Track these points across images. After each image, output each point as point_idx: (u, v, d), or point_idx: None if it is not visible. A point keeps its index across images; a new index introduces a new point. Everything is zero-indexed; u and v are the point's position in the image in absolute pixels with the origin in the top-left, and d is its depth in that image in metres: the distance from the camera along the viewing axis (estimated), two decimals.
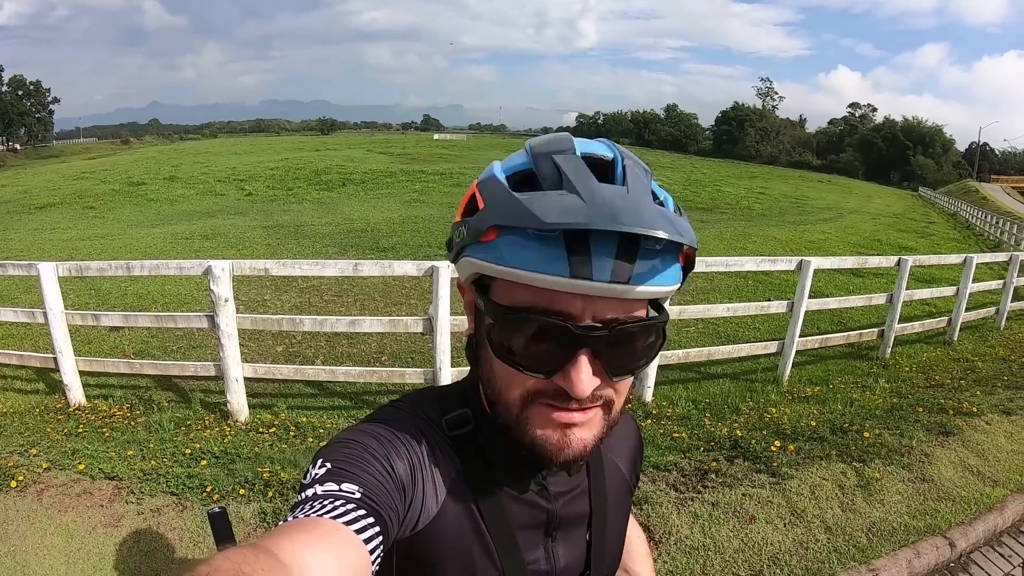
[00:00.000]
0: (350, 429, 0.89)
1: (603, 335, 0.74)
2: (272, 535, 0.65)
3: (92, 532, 3.74)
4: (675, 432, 5.30)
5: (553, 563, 0.96)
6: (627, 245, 0.70)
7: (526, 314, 0.75)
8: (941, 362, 8.10)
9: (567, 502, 0.97)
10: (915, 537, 3.90)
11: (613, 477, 1.07)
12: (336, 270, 5.96)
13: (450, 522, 0.88)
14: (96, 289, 10.45)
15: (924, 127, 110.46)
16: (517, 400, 0.80)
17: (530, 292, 0.74)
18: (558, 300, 0.73)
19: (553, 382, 0.76)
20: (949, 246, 22.37)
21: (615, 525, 1.06)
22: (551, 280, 0.70)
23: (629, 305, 0.75)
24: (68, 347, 5.80)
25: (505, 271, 0.73)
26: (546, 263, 0.70)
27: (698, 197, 36.37)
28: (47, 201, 28.45)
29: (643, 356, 0.79)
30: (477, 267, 0.77)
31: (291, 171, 39.36)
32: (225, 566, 0.55)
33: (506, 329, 0.77)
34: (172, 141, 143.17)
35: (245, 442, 5.04)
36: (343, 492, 0.74)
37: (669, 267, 0.74)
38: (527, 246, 0.71)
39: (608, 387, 0.79)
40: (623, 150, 0.78)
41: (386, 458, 0.83)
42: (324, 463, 0.79)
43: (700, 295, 11.33)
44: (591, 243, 0.69)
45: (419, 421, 0.92)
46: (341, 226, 19.62)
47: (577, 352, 0.74)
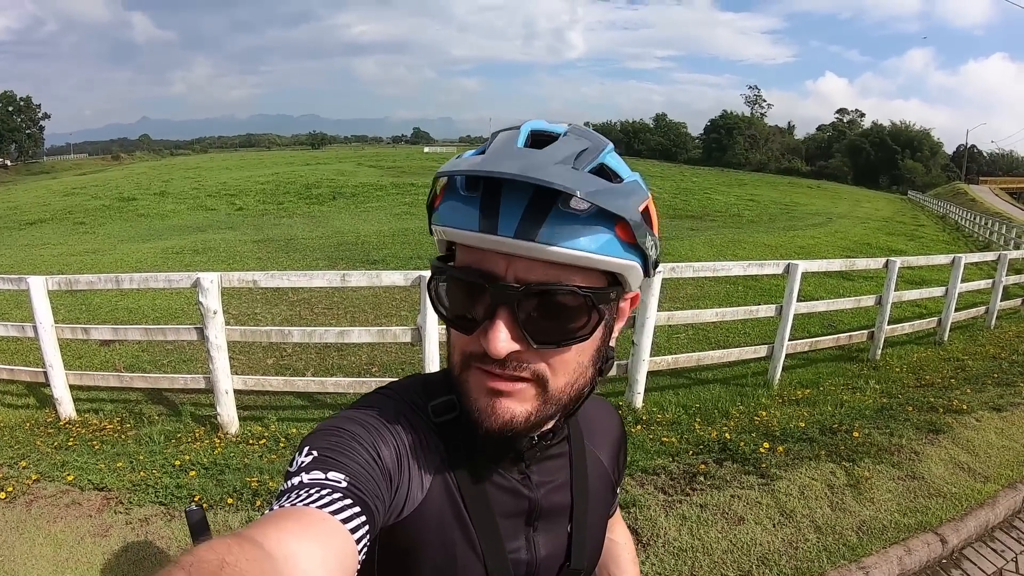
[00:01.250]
0: (336, 416, 0.88)
1: (515, 293, 0.74)
2: (257, 524, 0.65)
3: (81, 542, 3.74)
4: (664, 437, 5.31)
5: (534, 553, 0.96)
6: (539, 204, 0.71)
7: (448, 270, 0.79)
8: (931, 362, 8.11)
9: (548, 492, 0.97)
10: (906, 534, 3.90)
11: (595, 469, 1.07)
12: (324, 281, 5.95)
13: (434, 509, 0.88)
14: (87, 304, 10.41)
15: (912, 131, 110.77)
16: (458, 362, 0.83)
17: (470, 253, 0.77)
18: (485, 259, 0.76)
19: (479, 341, 0.78)
20: (939, 248, 22.43)
21: (596, 518, 1.06)
22: (464, 234, 0.75)
23: (559, 272, 0.75)
24: (58, 361, 5.78)
25: (439, 229, 0.79)
26: (464, 219, 0.74)
27: (688, 205, 36.46)
28: (38, 217, 28.35)
29: (570, 329, 0.78)
30: (434, 232, 0.82)
31: (281, 185, 39.26)
32: (209, 557, 0.54)
33: (439, 284, 0.81)
34: (162, 156, 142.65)
35: (235, 453, 5.03)
36: (329, 481, 0.74)
37: (596, 234, 0.74)
38: (455, 206, 0.76)
39: (535, 358, 0.79)
40: (585, 131, 0.80)
41: (372, 445, 0.83)
42: (310, 451, 0.79)
43: (690, 301, 11.36)
44: (501, 199, 0.72)
45: (405, 408, 0.92)
46: (331, 239, 19.58)
47: (495, 310, 0.75)
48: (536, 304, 0.75)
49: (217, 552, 0.55)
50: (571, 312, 0.77)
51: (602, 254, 0.74)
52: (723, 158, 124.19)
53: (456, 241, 0.78)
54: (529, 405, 0.80)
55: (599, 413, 1.14)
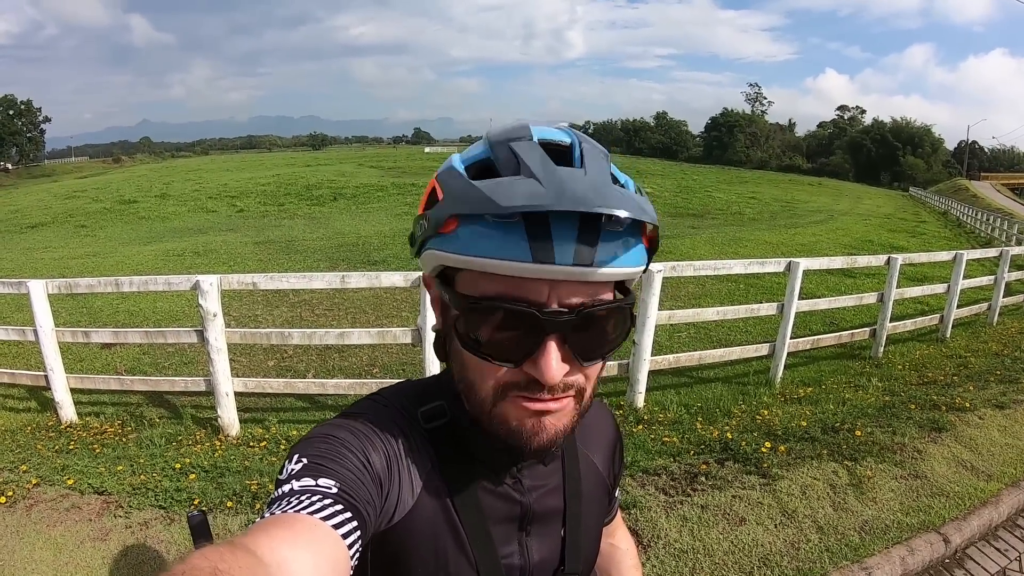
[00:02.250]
0: (325, 424, 0.88)
1: (570, 319, 0.73)
2: (250, 532, 0.65)
3: (80, 546, 3.73)
4: (666, 437, 5.29)
5: (527, 557, 0.95)
6: (588, 227, 0.70)
7: (491, 303, 0.74)
8: (934, 359, 8.10)
9: (541, 496, 0.96)
10: (908, 534, 3.88)
11: (588, 472, 1.06)
12: (324, 282, 5.95)
13: (425, 515, 0.87)
14: (88, 307, 10.43)
15: (913, 127, 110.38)
16: (490, 394, 0.80)
17: (494, 281, 0.73)
18: (522, 287, 0.73)
19: (523, 371, 0.76)
20: (941, 244, 22.45)
21: (591, 521, 1.05)
22: (514, 267, 0.70)
23: (595, 288, 0.75)
24: (59, 364, 5.79)
25: (467, 260, 0.73)
26: (507, 249, 0.70)
27: (689, 203, 36.45)
28: (39, 220, 28.44)
29: (612, 340, 0.79)
30: (439, 259, 0.77)
31: (282, 187, 39.32)
32: (202, 564, 0.54)
33: (472, 320, 0.76)
34: (163, 159, 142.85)
35: (235, 456, 5.02)
36: (320, 487, 0.74)
37: (633, 248, 0.75)
38: (487, 234, 0.71)
39: (579, 373, 0.79)
40: (581, 135, 0.78)
41: (362, 452, 0.82)
42: (300, 458, 0.79)
43: (691, 300, 11.35)
44: (552, 227, 0.69)
45: (395, 414, 0.91)
46: (332, 240, 19.59)
47: (545, 338, 0.74)
48: (582, 324, 0.75)
49: (210, 560, 0.55)
50: (613, 324, 0.78)
51: (638, 265, 0.76)
52: (724, 156, 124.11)
53: (491, 271, 0.72)
54: (568, 418, 0.81)
55: (593, 415, 1.12)
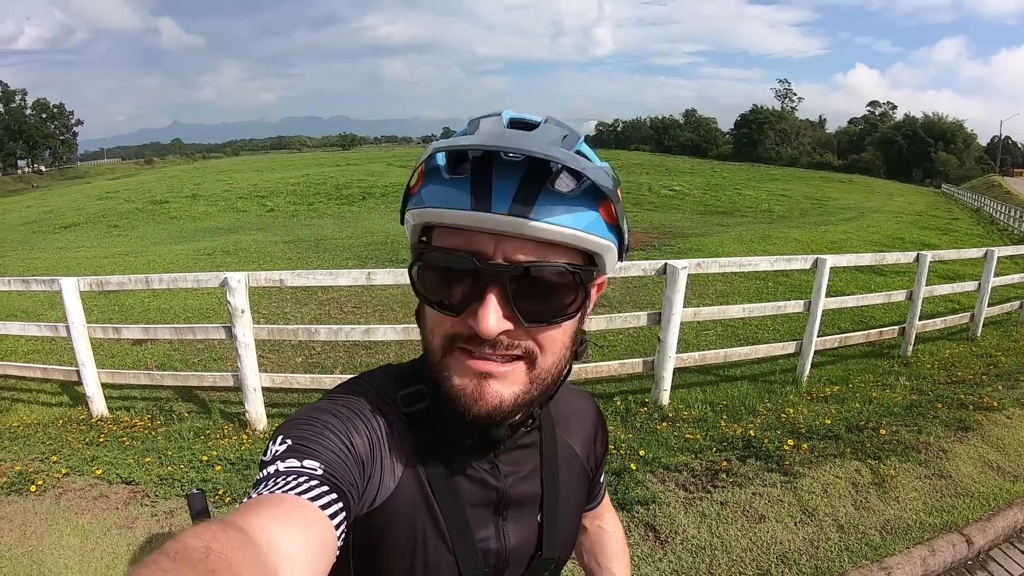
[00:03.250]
0: (309, 407, 0.89)
1: (508, 272, 0.75)
2: (240, 511, 0.66)
3: (107, 533, 3.83)
4: (689, 434, 5.28)
5: (503, 542, 0.97)
6: (530, 183, 0.73)
7: (436, 250, 0.79)
8: (963, 358, 7.98)
9: (517, 481, 0.98)
10: (931, 534, 3.85)
11: (567, 459, 1.08)
12: (350, 279, 6.00)
13: (404, 499, 0.89)
14: (119, 305, 10.61)
15: (944, 123, 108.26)
16: (439, 346, 0.83)
17: (452, 235, 0.78)
18: (471, 239, 0.76)
19: (466, 323, 0.78)
20: (973, 242, 22.01)
21: (568, 507, 1.07)
22: (455, 214, 0.75)
23: (545, 251, 0.77)
24: (90, 360, 5.91)
25: (423, 212, 0.78)
26: (453, 199, 0.74)
27: (718, 201, 36.22)
28: (72, 221, 28.97)
29: (560, 307, 0.80)
30: (410, 217, 0.82)
31: (312, 186, 39.58)
32: (194, 543, 0.55)
33: (423, 268, 0.81)
34: (194, 160, 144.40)
35: (261, 450, 5.06)
36: (305, 468, 0.75)
37: (580, 212, 0.76)
38: (441, 188, 0.76)
39: (525, 336, 0.80)
40: (559, 121, 0.81)
41: (346, 434, 0.84)
42: (284, 439, 0.80)
43: (719, 298, 11.28)
44: (494, 179, 0.73)
45: (376, 398, 0.93)
46: (361, 239, 19.74)
47: (485, 290, 0.76)
48: (526, 282, 0.76)
49: (203, 539, 0.56)
50: (560, 289, 0.79)
51: (589, 232, 0.76)
52: (753, 153, 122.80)
53: (441, 223, 0.78)
54: (517, 387, 0.81)
55: (573, 402, 1.15)
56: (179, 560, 0.52)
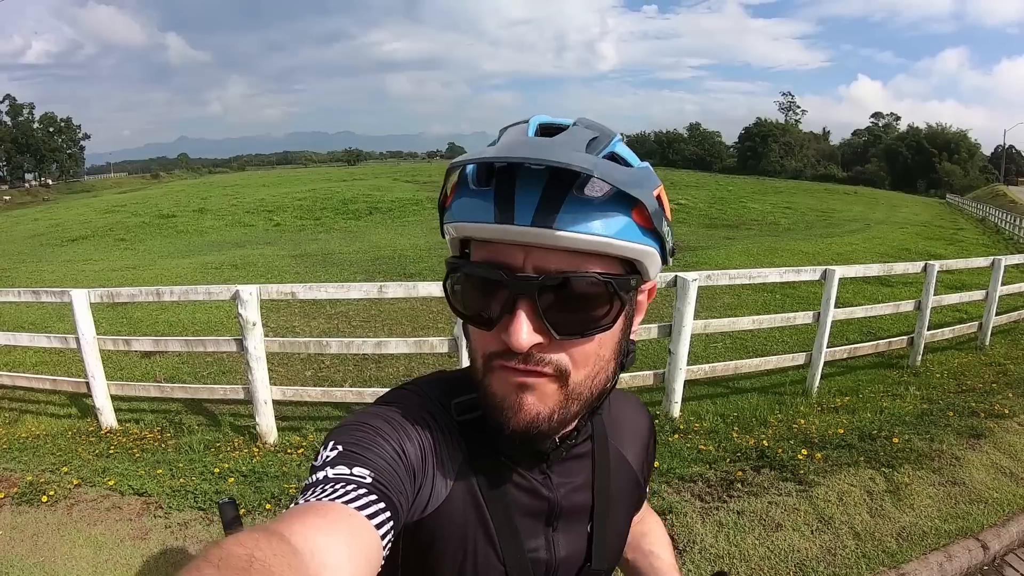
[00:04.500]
0: (361, 412, 0.89)
1: (536, 283, 0.74)
2: (284, 518, 0.65)
3: (120, 544, 3.83)
4: (702, 445, 5.27)
5: (553, 552, 0.96)
6: (554, 191, 0.72)
7: (465, 265, 0.79)
8: (973, 367, 7.96)
9: (569, 492, 0.96)
10: (946, 540, 3.84)
11: (619, 468, 1.06)
12: (362, 292, 6.02)
13: (456, 507, 0.88)
14: (128, 318, 10.63)
15: (948, 133, 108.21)
16: (481, 362, 0.82)
17: (483, 248, 0.78)
18: (500, 252, 0.76)
19: (500, 337, 0.77)
20: (979, 252, 21.94)
21: (618, 518, 1.06)
22: (480, 228, 0.75)
23: (578, 260, 0.75)
24: (100, 372, 5.91)
25: (452, 226, 0.79)
26: (478, 212, 0.74)
27: (724, 214, 36.24)
28: (79, 234, 29.06)
29: (592, 318, 0.78)
30: (448, 229, 0.82)
31: (318, 201, 39.63)
32: (237, 551, 0.55)
33: (455, 282, 0.81)
34: (201, 174, 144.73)
35: (273, 462, 5.08)
36: (354, 476, 0.74)
37: (611, 218, 0.74)
38: (468, 202, 0.76)
39: (557, 349, 0.78)
40: (591, 122, 0.80)
41: (397, 442, 0.83)
42: (336, 445, 0.79)
43: (727, 310, 11.25)
44: (516, 189, 0.72)
45: (430, 404, 0.92)
46: (368, 253, 19.78)
47: (515, 302, 0.75)
48: (557, 294, 0.75)
49: (245, 547, 0.55)
50: (593, 301, 0.77)
51: (620, 239, 0.74)
52: (758, 166, 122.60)
53: (471, 236, 0.79)
54: (551, 402, 0.80)
55: (626, 410, 1.13)
56: (222, 567, 0.52)
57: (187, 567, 0.53)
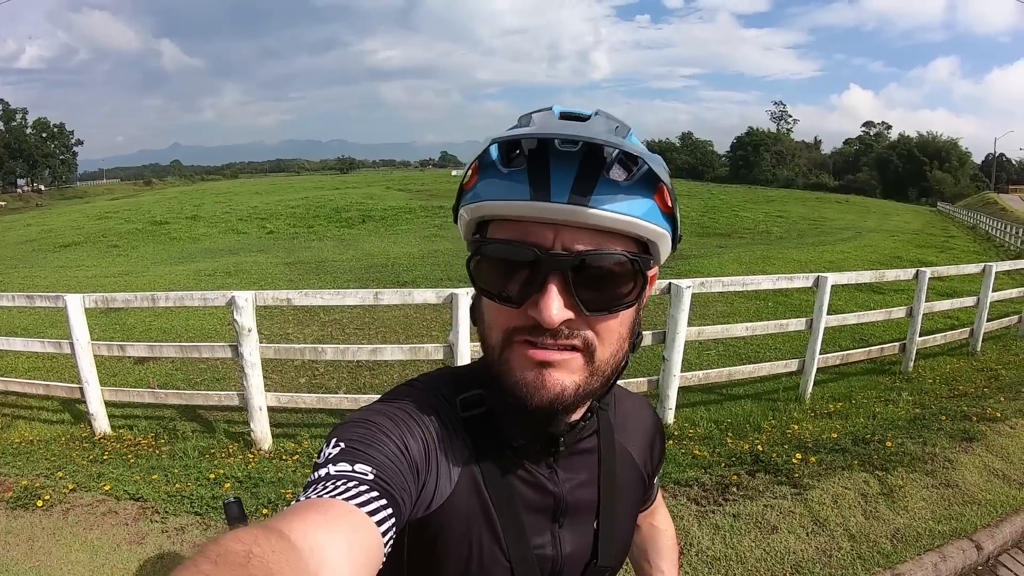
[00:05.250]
0: (365, 409, 0.89)
1: (569, 261, 0.76)
2: (284, 515, 0.65)
3: (117, 549, 3.82)
4: (696, 451, 5.29)
5: (559, 549, 0.96)
6: (588, 170, 0.74)
7: (496, 242, 0.79)
8: (964, 372, 8.00)
9: (575, 487, 0.97)
10: (941, 541, 3.87)
11: (624, 465, 1.06)
12: (357, 299, 6.02)
13: (461, 503, 0.88)
14: (121, 324, 10.59)
15: (939, 141, 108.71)
16: (499, 340, 0.82)
17: (508, 227, 0.79)
18: (530, 231, 0.77)
19: (527, 314, 0.78)
20: (970, 259, 21.99)
21: (625, 514, 1.06)
22: (515, 205, 0.76)
23: (602, 239, 0.77)
24: (94, 377, 5.90)
25: (480, 206, 0.79)
26: (511, 191, 0.76)
27: (716, 223, 36.23)
28: (72, 240, 28.92)
29: (619, 295, 0.80)
30: (464, 213, 0.83)
31: (311, 209, 39.55)
32: (235, 547, 0.55)
33: (482, 261, 0.81)
34: (194, 182, 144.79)
35: (268, 468, 5.08)
36: (356, 473, 0.74)
37: (638, 199, 0.76)
38: (498, 182, 0.77)
39: (584, 325, 0.80)
40: (609, 114, 0.82)
41: (400, 438, 0.83)
42: (338, 442, 0.80)
43: (720, 318, 11.24)
44: (551, 168, 0.74)
45: (434, 400, 0.93)
46: (362, 261, 19.73)
47: (546, 279, 0.76)
48: (586, 271, 0.77)
49: (244, 543, 0.55)
50: (620, 278, 0.79)
51: (647, 220, 0.77)
52: (750, 175, 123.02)
53: (499, 215, 0.79)
54: (578, 376, 0.81)
55: (631, 407, 1.13)
56: (220, 564, 0.53)
57: (184, 563, 0.53)
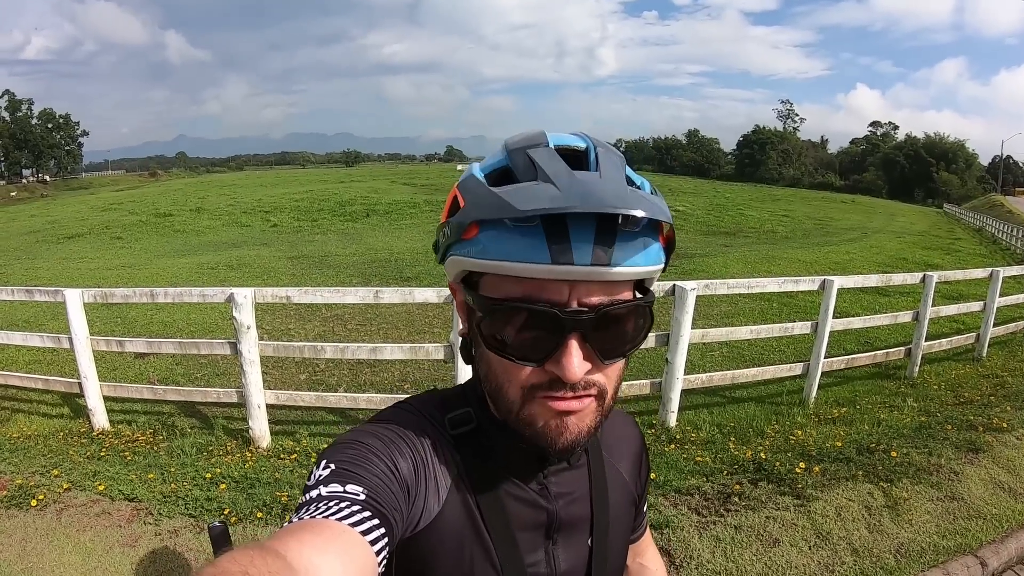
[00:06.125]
0: (354, 430, 0.89)
1: (591, 318, 0.75)
2: (278, 536, 0.65)
3: (109, 551, 3.79)
4: (698, 456, 5.24)
5: (553, 566, 0.95)
6: (605, 228, 0.72)
7: (514, 304, 0.76)
8: (970, 379, 7.94)
9: (567, 504, 0.96)
10: (945, 557, 3.81)
11: (615, 482, 1.06)
12: (358, 297, 5.97)
13: (451, 522, 0.87)
14: (122, 318, 10.58)
15: (946, 143, 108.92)
16: (517, 396, 0.81)
17: (516, 283, 0.76)
18: (543, 288, 0.75)
19: (547, 371, 0.78)
20: (976, 262, 21.96)
21: (618, 532, 1.05)
22: (534, 268, 0.72)
23: (613, 288, 0.77)
24: (93, 372, 5.86)
25: (489, 264, 0.75)
26: (527, 252, 0.72)
27: (721, 221, 36.27)
28: (76, 231, 29.03)
29: (632, 338, 0.81)
30: (463, 264, 0.80)
31: (316, 202, 39.67)
32: (232, 569, 0.55)
33: (496, 321, 0.79)
34: (199, 174, 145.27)
35: (266, 467, 5.05)
36: (348, 493, 0.74)
37: (650, 248, 0.77)
38: (508, 238, 0.73)
39: (599, 372, 0.80)
40: (596, 140, 0.81)
41: (390, 458, 0.83)
42: (328, 464, 0.80)
43: (724, 319, 11.22)
44: (569, 228, 0.71)
45: (422, 420, 0.92)
46: (365, 256, 19.78)
47: (567, 337, 0.75)
48: (602, 323, 0.76)
49: (240, 564, 0.55)
50: (632, 322, 0.80)
51: (655, 265, 0.78)
52: (756, 173, 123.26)
53: (512, 274, 0.75)
54: (591, 418, 0.82)
55: (618, 425, 1.13)
56: None
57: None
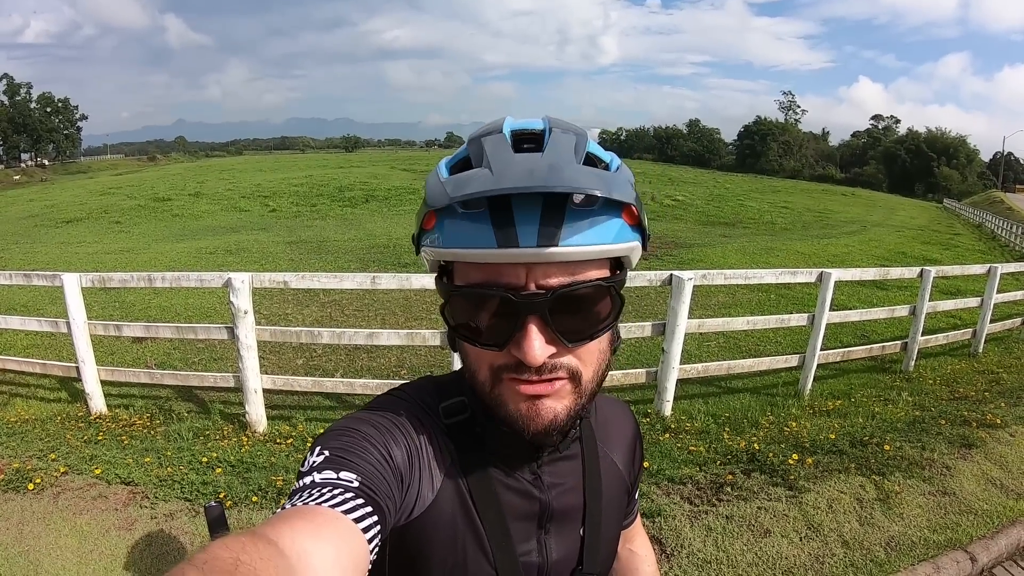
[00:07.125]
0: (348, 417, 0.89)
1: (545, 301, 0.75)
2: (271, 523, 0.65)
3: (106, 534, 3.81)
4: (692, 446, 5.26)
5: (545, 555, 0.96)
6: (552, 209, 0.72)
7: (469, 290, 0.78)
8: (966, 374, 7.95)
9: (560, 493, 0.96)
10: (935, 551, 3.82)
11: (608, 471, 1.06)
12: (355, 283, 5.96)
13: (444, 510, 0.88)
14: (120, 302, 10.57)
15: (948, 138, 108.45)
16: (487, 378, 0.82)
17: (477, 269, 0.77)
18: (501, 272, 0.76)
19: (510, 353, 0.78)
20: (975, 258, 22.00)
21: (610, 521, 1.05)
22: (483, 254, 0.73)
23: (575, 268, 0.76)
24: (90, 356, 5.87)
25: (445, 252, 0.77)
26: (476, 238, 0.73)
27: (721, 212, 36.21)
28: (74, 216, 28.94)
29: (599, 320, 0.80)
30: (427, 254, 0.81)
31: (315, 188, 39.53)
32: (223, 555, 0.55)
33: (457, 307, 0.80)
34: (197, 158, 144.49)
35: (261, 452, 5.06)
36: (341, 480, 0.74)
37: (606, 225, 0.75)
38: (459, 225, 0.75)
39: (567, 355, 0.80)
40: (560, 121, 0.81)
41: (384, 446, 0.83)
42: (322, 451, 0.80)
43: (721, 309, 11.23)
44: (514, 212, 0.72)
45: (417, 408, 0.92)
46: (364, 242, 19.75)
47: (524, 320, 0.75)
48: (563, 305, 0.76)
49: (231, 550, 0.55)
50: (597, 304, 0.79)
51: (617, 242, 0.77)
52: (756, 164, 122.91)
53: (466, 261, 0.77)
54: (567, 400, 0.81)
55: (613, 413, 1.14)
56: (207, 570, 0.52)
57: (172, 571, 0.53)
